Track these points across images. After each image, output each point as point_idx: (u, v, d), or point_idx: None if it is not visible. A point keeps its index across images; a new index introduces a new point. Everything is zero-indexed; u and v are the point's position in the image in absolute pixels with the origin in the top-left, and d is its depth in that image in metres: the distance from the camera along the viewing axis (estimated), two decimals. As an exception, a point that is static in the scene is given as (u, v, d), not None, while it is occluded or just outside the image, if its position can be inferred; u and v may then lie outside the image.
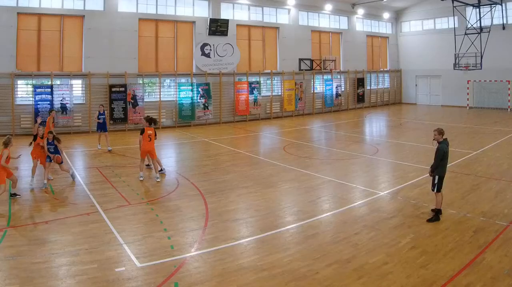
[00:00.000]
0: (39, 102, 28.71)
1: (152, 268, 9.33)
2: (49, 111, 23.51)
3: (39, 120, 20.71)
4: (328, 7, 42.80)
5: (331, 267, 9.32)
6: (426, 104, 48.01)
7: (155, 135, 17.55)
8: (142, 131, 17.41)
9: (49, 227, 11.65)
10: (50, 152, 15.92)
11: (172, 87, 34.36)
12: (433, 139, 12.64)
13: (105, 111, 24.23)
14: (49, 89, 29.04)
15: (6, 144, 13.61)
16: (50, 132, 16.31)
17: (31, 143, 16.39)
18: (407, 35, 49.91)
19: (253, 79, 37.73)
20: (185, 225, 12.05)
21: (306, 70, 41.21)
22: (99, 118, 23.33)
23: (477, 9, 39.17)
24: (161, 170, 18.03)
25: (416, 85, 49.39)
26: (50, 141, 15.93)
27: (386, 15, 48.59)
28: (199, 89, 34.47)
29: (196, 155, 23.29)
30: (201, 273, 9.14)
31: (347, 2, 44.44)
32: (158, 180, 16.82)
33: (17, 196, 14.25)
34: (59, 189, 15.63)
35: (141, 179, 17.00)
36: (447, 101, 46.33)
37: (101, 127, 23.47)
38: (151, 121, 17.54)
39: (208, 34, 35.47)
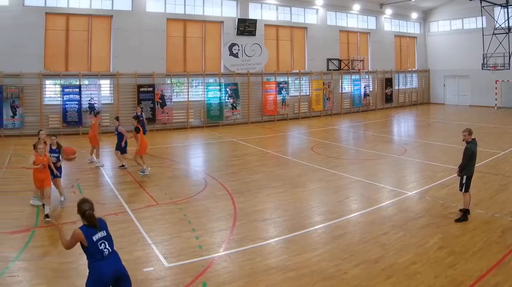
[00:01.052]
0: (67, 102, 27.36)
1: (180, 268, 9.06)
2: (95, 113, 21.49)
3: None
4: (356, 7, 40.58)
5: (359, 267, 9.01)
6: (454, 104, 45.62)
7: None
8: (138, 130, 17.45)
9: (76, 226, 10.36)
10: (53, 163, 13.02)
11: (200, 87, 32.81)
12: (463, 140, 12.20)
13: (143, 113, 22.49)
14: (77, 89, 27.66)
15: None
16: (54, 135, 13.55)
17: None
18: (435, 35, 47.30)
19: (281, 79, 35.87)
20: (213, 225, 11.65)
21: (334, 70, 39.28)
22: (141, 121, 21.77)
23: (505, 9, 36.97)
24: (123, 165, 18.08)
25: (444, 85, 46.80)
26: (54, 148, 13.19)
27: (414, 15, 46.07)
28: (227, 89, 32.82)
29: (224, 155, 22.43)
30: (229, 273, 8.86)
31: (375, 2, 42.16)
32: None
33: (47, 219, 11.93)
34: (87, 189, 14.91)
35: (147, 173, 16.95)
36: (475, 101, 43.90)
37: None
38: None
39: (236, 34, 33.71)
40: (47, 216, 11.75)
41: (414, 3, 43.10)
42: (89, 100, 27.93)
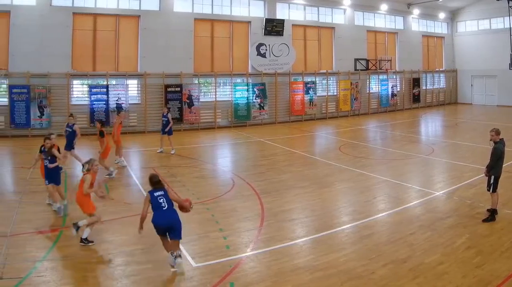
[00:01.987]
0: (94, 102, 25.95)
1: (207, 268, 8.76)
2: (117, 112, 20.00)
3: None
4: (384, 7, 38.21)
5: (386, 267, 8.69)
6: (482, 104, 43.00)
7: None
8: (102, 134, 16.29)
9: (104, 227, 10.80)
10: (45, 166, 11.88)
11: (227, 87, 31.11)
12: (490, 140, 11.71)
13: (169, 114, 21.16)
14: (105, 89, 26.24)
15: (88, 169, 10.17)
16: (47, 137, 11.90)
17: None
18: (463, 35, 44.57)
19: (308, 79, 33.86)
20: (241, 225, 11.21)
21: (361, 70, 37.11)
22: (162, 121, 20.77)
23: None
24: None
25: (471, 85, 44.10)
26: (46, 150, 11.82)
27: (441, 15, 43.42)
28: (255, 89, 31.01)
29: (251, 155, 21.40)
30: (256, 273, 8.55)
31: (403, 2, 39.73)
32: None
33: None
34: (115, 189, 14.45)
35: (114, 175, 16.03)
36: (502, 101, 41.21)
37: (164, 129, 20.65)
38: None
39: (264, 34, 31.84)
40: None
41: (441, 3, 40.65)
42: (117, 100, 26.46)
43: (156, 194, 8.76)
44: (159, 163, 18.49)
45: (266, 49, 32.08)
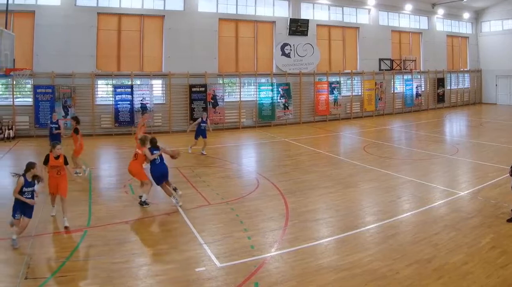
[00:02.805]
0: (119, 103, 24.50)
1: (232, 268, 8.33)
2: (142, 112, 18.50)
3: None
4: (408, 7, 35.94)
5: (411, 267, 8.27)
6: (507, 104, 40.44)
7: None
8: (77, 131, 15.46)
9: (129, 227, 10.45)
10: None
11: (252, 87, 29.38)
12: None
13: (208, 119, 20.31)
14: (129, 89, 24.75)
15: (143, 141, 12.15)
16: (28, 168, 9.45)
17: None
18: (487, 35, 41.89)
19: (333, 79, 31.90)
20: (265, 225, 10.65)
21: (386, 70, 34.88)
22: (201, 125, 19.39)
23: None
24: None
25: (496, 85, 41.53)
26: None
27: (466, 15, 40.84)
28: (279, 89, 29.19)
29: (276, 155, 20.10)
30: (281, 273, 8.13)
31: (427, 2, 37.35)
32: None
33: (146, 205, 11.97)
34: (139, 188, 13.12)
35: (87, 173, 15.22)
36: (528, 102, 38.64)
37: (202, 133, 19.44)
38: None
39: (288, 34, 30.02)
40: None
41: (466, 3, 38.21)
42: (141, 100, 24.97)
43: (154, 152, 11.73)
44: (184, 162, 17.26)
45: (291, 49, 30.29)
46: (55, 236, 9.82)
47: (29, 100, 23.16)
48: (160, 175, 11.76)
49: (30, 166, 9.35)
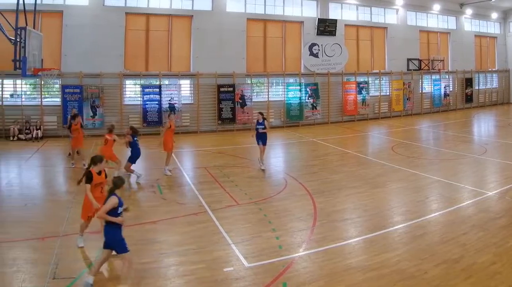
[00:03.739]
0: (147, 102, 22.65)
1: (260, 268, 7.63)
2: (168, 114, 16.44)
3: None
4: (436, 7, 32.95)
5: (439, 267, 7.54)
6: (535, 104, 37.12)
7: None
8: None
9: (157, 227, 9.72)
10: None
11: (280, 87, 27.11)
12: None
13: (265, 120, 15.29)
14: (157, 89, 22.87)
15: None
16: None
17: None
18: (516, 35, 38.88)
19: (361, 79, 29.35)
20: (293, 225, 9.87)
21: (414, 70, 32.06)
22: (257, 129, 15.27)
23: None
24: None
25: (524, 85, 38.56)
26: None
27: (494, 15, 37.44)
28: (307, 89, 26.89)
29: (304, 155, 18.70)
30: (309, 273, 7.44)
31: (455, 2, 34.21)
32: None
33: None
34: (167, 189, 12.87)
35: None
36: (556, 101, 35.11)
37: (260, 137, 15.17)
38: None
39: (316, 34, 27.60)
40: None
41: (494, 3, 34.96)
42: (169, 100, 23.06)
43: (135, 138, 13.11)
44: (212, 162, 16.19)
45: (319, 49, 27.95)
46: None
47: (57, 100, 21.45)
48: (139, 155, 13.44)
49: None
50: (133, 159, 13.31)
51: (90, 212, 8.18)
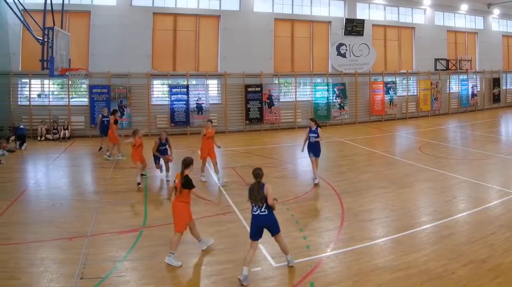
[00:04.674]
0: (174, 103, 20.74)
1: (288, 268, 6.95)
2: (207, 120, 14.16)
3: None
4: (464, 7, 29.87)
5: (466, 267, 6.91)
6: (563, 104, 33.48)
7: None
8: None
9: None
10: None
11: (307, 87, 24.78)
12: None
13: (319, 128, 12.13)
14: (185, 89, 20.94)
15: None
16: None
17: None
18: (544, 35, 35.51)
19: (388, 79, 26.68)
20: (321, 225, 9.03)
21: (441, 70, 29.13)
22: (309, 138, 12.12)
23: None
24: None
25: (552, 85, 35.09)
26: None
27: (522, 15, 34.86)
28: (335, 89, 24.46)
29: (331, 155, 16.96)
30: (336, 273, 6.84)
31: (483, 2, 31.01)
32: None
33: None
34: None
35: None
36: None
37: (312, 148, 12.15)
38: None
39: (344, 34, 25.08)
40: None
41: (522, 3, 32.40)
42: (197, 100, 21.19)
43: (161, 147, 11.93)
44: (239, 162, 15.02)
45: (346, 49, 25.52)
46: (111, 236, 8.35)
47: (84, 100, 19.72)
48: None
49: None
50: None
51: (188, 219, 7.38)
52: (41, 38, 14.57)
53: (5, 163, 14.49)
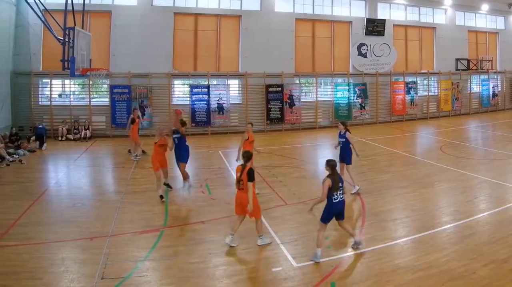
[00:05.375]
0: (195, 102, 19.35)
1: (309, 268, 6.59)
2: (247, 128, 12.36)
3: None
4: (485, 7, 27.74)
5: (487, 267, 6.48)
6: None
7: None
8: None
9: (205, 227, 8.26)
10: None
11: (328, 87, 23.17)
12: None
13: (347, 132, 10.55)
14: (206, 89, 19.49)
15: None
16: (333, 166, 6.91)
17: None
18: None
19: (409, 79, 24.74)
20: None
21: (462, 70, 27.02)
22: (339, 142, 10.67)
23: None
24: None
25: None
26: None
27: (542, 15, 32.51)
28: (356, 89, 22.71)
29: (352, 155, 14.16)
30: (357, 273, 6.49)
31: (504, 2, 28.67)
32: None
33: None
34: (216, 189, 11.00)
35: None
36: None
37: (344, 153, 10.63)
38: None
39: (365, 34, 23.28)
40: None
41: (543, 2, 30.12)
42: (218, 100, 19.76)
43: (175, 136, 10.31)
44: (260, 163, 13.56)
45: (367, 49, 23.72)
46: (132, 236, 7.84)
47: (105, 100, 18.43)
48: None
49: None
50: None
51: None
52: (62, 38, 13.53)
53: (26, 163, 13.63)
